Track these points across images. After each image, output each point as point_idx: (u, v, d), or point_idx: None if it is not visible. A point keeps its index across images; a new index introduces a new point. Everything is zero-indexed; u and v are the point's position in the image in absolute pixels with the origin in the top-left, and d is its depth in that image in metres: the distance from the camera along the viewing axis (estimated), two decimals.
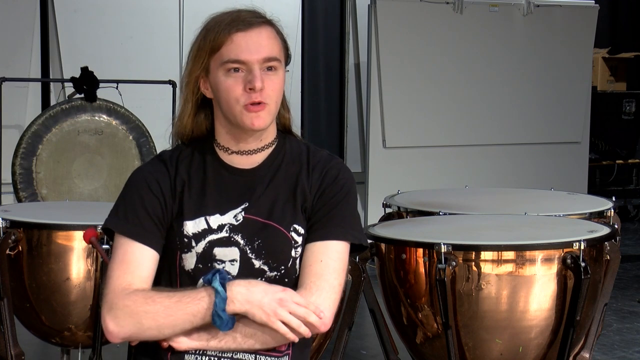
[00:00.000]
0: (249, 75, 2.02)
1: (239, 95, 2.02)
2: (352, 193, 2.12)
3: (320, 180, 2.10)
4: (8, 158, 5.33)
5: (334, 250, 2.06)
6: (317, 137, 7.24)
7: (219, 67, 2.04)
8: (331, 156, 2.16)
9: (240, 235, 2.05)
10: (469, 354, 2.86)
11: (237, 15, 2.05)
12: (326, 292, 2.03)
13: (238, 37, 2.02)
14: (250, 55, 2.02)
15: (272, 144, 2.13)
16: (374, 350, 4.49)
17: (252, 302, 1.94)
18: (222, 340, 2.00)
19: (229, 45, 2.02)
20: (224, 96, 2.04)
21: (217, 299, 1.92)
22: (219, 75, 2.04)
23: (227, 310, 1.94)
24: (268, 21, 2.08)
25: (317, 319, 1.98)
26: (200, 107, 2.13)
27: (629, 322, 5.24)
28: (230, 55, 2.02)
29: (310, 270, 2.04)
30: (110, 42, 6.50)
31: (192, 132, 2.13)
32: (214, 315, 1.93)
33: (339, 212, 2.08)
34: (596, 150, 8.41)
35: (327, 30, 7.41)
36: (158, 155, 2.18)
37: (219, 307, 1.92)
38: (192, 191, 2.08)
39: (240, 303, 1.94)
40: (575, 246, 2.80)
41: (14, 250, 3.12)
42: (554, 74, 7.43)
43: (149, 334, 1.98)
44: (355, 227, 2.10)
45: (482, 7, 7.12)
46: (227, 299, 1.93)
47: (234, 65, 2.02)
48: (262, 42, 2.04)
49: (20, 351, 3.18)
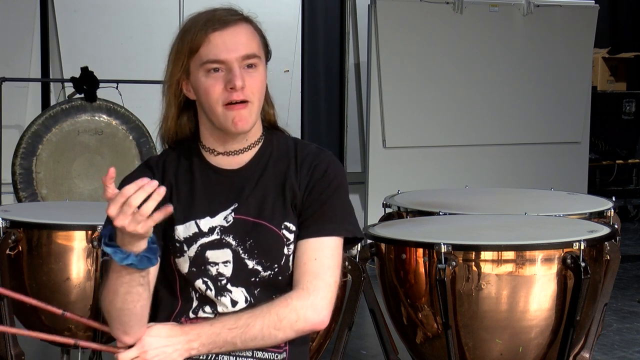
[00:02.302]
0: (228, 74, 2.00)
1: (219, 95, 2.01)
2: (343, 186, 2.10)
3: (309, 175, 2.08)
4: (8, 158, 5.33)
5: (327, 247, 2.05)
6: (317, 137, 7.24)
7: (199, 68, 2.02)
8: (319, 149, 2.13)
9: (232, 236, 2.05)
10: (469, 354, 2.86)
11: (212, 15, 2.04)
12: (323, 292, 2.03)
13: (215, 37, 2.01)
14: (228, 54, 2.00)
15: (258, 142, 2.12)
16: (374, 350, 4.49)
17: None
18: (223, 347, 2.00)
19: (206, 46, 2.01)
20: (205, 97, 2.03)
21: (116, 258, 1.85)
22: (199, 77, 2.03)
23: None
24: (245, 18, 2.06)
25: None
26: (184, 109, 2.11)
27: (629, 322, 5.24)
28: (208, 55, 2.01)
29: (305, 269, 2.04)
30: (110, 42, 6.50)
31: (176, 135, 2.12)
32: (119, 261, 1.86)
33: (330, 207, 2.06)
34: (596, 150, 8.41)
35: (327, 30, 7.40)
36: (145, 162, 2.17)
37: (120, 261, 1.85)
38: (181, 195, 2.07)
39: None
40: (575, 246, 2.80)
41: (14, 250, 3.12)
42: (554, 74, 7.43)
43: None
44: (348, 220, 2.09)
45: (482, 7, 7.12)
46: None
47: (213, 65, 2.01)
48: (239, 40, 2.02)
49: (20, 351, 3.18)
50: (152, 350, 1.96)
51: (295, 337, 2.05)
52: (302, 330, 2.03)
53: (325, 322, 2.03)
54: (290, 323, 2.00)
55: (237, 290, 2.05)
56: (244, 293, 2.05)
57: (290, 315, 2.00)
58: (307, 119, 7.29)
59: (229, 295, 2.05)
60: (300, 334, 2.05)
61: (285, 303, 2.01)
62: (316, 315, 2.01)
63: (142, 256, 1.84)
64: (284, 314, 2.00)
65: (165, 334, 1.98)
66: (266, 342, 2.01)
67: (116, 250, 1.83)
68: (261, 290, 2.06)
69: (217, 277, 2.04)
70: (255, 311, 2.01)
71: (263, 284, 2.06)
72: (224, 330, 1.98)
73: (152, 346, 1.96)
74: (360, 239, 2.13)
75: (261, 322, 1.99)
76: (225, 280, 2.04)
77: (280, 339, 2.02)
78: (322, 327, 2.04)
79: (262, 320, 1.99)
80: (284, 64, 6.74)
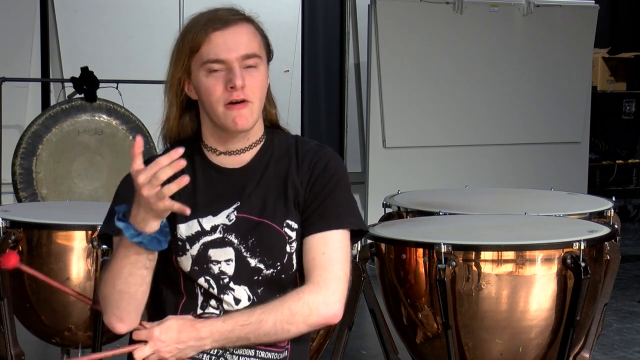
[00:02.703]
0: (229, 74, 2.01)
1: (220, 95, 2.01)
2: (344, 180, 2.10)
3: (310, 172, 2.08)
4: (8, 158, 5.33)
5: (334, 240, 2.05)
6: (317, 137, 7.22)
7: (200, 68, 2.02)
8: (320, 146, 2.14)
9: (234, 235, 2.05)
10: (469, 354, 2.86)
11: (214, 14, 2.04)
12: (334, 285, 2.03)
13: (216, 36, 2.01)
14: (228, 54, 2.00)
15: (259, 141, 2.12)
16: (374, 350, 4.49)
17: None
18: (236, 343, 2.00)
19: (207, 45, 2.01)
20: (206, 97, 2.03)
21: (127, 233, 1.89)
22: (200, 76, 2.03)
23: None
24: (246, 18, 2.07)
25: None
26: (186, 109, 2.12)
27: (629, 322, 5.24)
28: (209, 55, 2.01)
29: (314, 264, 2.04)
30: (110, 42, 6.50)
31: (178, 135, 2.13)
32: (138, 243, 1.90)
33: (333, 201, 2.06)
34: (596, 150, 8.41)
35: (327, 30, 7.40)
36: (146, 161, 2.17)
37: (131, 237, 1.88)
38: (183, 194, 2.07)
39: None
40: (575, 246, 2.80)
41: (14, 250, 3.12)
42: (554, 74, 7.43)
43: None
44: (352, 213, 2.09)
45: (482, 7, 7.12)
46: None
47: (213, 65, 2.01)
48: (240, 40, 2.02)
49: (20, 351, 3.19)
50: (165, 347, 1.98)
51: (309, 331, 2.05)
52: (315, 324, 2.03)
53: (338, 316, 2.03)
54: (304, 317, 2.01)
55: (240, 288, 2.05)
56: (246, 291, 2.05)
57: (302, 310, 2.00)
58: (307, 119, 7.29)
59: (232, 294, 2.05)
60: (314, 328, 2.05)
61: (297, 297, 2.01)
62: (328, 308, 2.02)
63: (153, 236, 1.87)
64: (297, 308, 2.00)
65: (177, 328, 1.99)
66: (279, 337, 2.01)
67: (129, 225, 1.86)
68: (264, 289, 2.06)
69: (219, 275, 2.05)
70: (268, 306, 2.01)
71: (266, 282, 2.06)
72: (236, 327, 1.99)
73: (165, 342, 1.98)
74: (365, 231, 2.14)
75: (274, 317, 1.99)
76: (227, 279, 2.05)
77: (293, 334, 2.03)
78: (335, 320, 2.04)
79: (274, 315, 1.99)
80: (284, 64, 6.74)
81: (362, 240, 2.40)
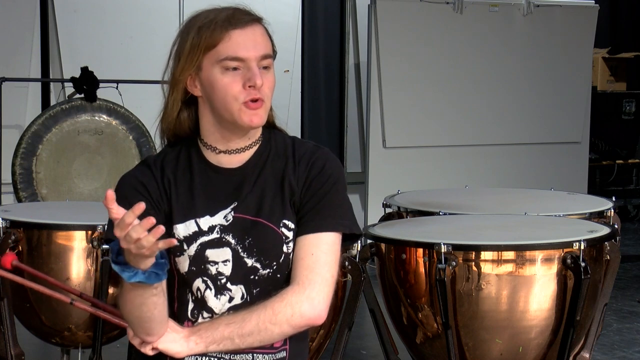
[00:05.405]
0: (248, 73, 2.00)
1: (238, 93, 2.01)
2: (341, 182, 2.10)
3: (307, 172, 2.08)
4: (8, 158, 5.33)
5: (324, 242, 2.05)
6: (317, 137, 7.24)
7: (215, 65, 2.01)
8: (317, 147, 2.13)
9: (231, 235, 2.05)
10: (469, 354, 2.86)
11: (232, 13, 2.04)
12: (319, 286, 2.02)
13: (236, 34, 2.01)
14: (247, 53, 2.01)
15: (258, 141, 2.12)
16: (374, 350, 4.49)
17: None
18: (221, 343, 2.00)
19: (226, 42, 2.00)
20: (221, 94, 2.02)
21: (124, 276, 1.88)
22: (214, 73, 2.02)
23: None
24: (259, 19, 2.08)
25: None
26: (184, 105, 2.12)
27: (629, 322, 5.24)
28: (228, 52, 2.00)
29: (302, 264, 2.04)
30: (110, 42, 6.50)
31: (174, 131, 2.13)
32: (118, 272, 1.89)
33: (328, 203, 2.06)
34: (596, 150, 8.41)
35: (327, 30, 7.40)
36: (143, 161, 2.17)
37: (129, 279, 1.88)
38: (180, 194, 2.07)
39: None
40: (575, 246, 2.80)
41: (14, 250, 3.12)
42: (554, 74, 7.42)
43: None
44: (346, 217, 2.09)
45: (482, 7, 7.12)
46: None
47: (232, 62, 2.01)
48: (258, 40, 2.03)
49: (20, 351, 3.19)
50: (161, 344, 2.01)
51: (294, 332, 2.04)
52: (299, 325, 2.03)
53: (321, 317, 2.03)
54: (286, 317, 2.00)
55: (237, 288, 2.05)
56: (242, 290, 2.05)
57: (285, 310, 2.00)
58: (307, 119, 7.29)
59: (229, 294, 2.05)
60: (298, 329, 2.04)
61: (280, 298, 2.01)
62: (312, 309, 2.01)
63: (150, 272, 1.86)
64: (279, 308, 2.00)
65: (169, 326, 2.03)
66: (263, 337, 2.01)
67: (124, 268, 1.85)
68: (260, 289, 2.06)
69: (216, 276, 2.05)
70: (253, 307, 2.02)
71: (262, 282, 2.06)
72: (221, 325, 2.01)
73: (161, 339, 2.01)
74: (358, 235, 2.13)
75: (257, 316, 2.00)
76: (225, 279, 2.05)
77: (277, 335, 2.02)
78: (318, 322, 2.04)
79: (257, 315, 2.00)
80: (284, 64, 6.74)
81: (362, 240, 2.40)
